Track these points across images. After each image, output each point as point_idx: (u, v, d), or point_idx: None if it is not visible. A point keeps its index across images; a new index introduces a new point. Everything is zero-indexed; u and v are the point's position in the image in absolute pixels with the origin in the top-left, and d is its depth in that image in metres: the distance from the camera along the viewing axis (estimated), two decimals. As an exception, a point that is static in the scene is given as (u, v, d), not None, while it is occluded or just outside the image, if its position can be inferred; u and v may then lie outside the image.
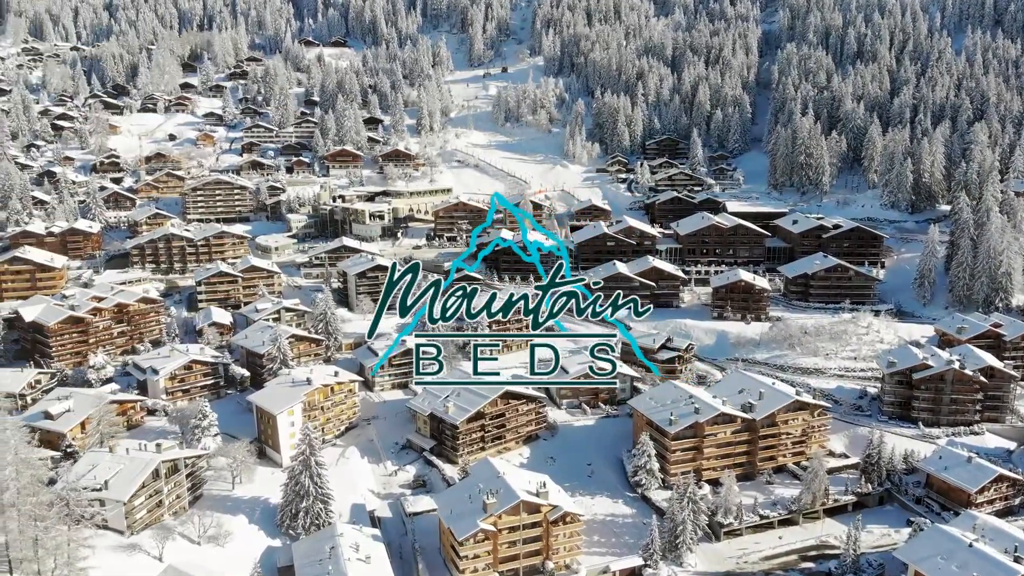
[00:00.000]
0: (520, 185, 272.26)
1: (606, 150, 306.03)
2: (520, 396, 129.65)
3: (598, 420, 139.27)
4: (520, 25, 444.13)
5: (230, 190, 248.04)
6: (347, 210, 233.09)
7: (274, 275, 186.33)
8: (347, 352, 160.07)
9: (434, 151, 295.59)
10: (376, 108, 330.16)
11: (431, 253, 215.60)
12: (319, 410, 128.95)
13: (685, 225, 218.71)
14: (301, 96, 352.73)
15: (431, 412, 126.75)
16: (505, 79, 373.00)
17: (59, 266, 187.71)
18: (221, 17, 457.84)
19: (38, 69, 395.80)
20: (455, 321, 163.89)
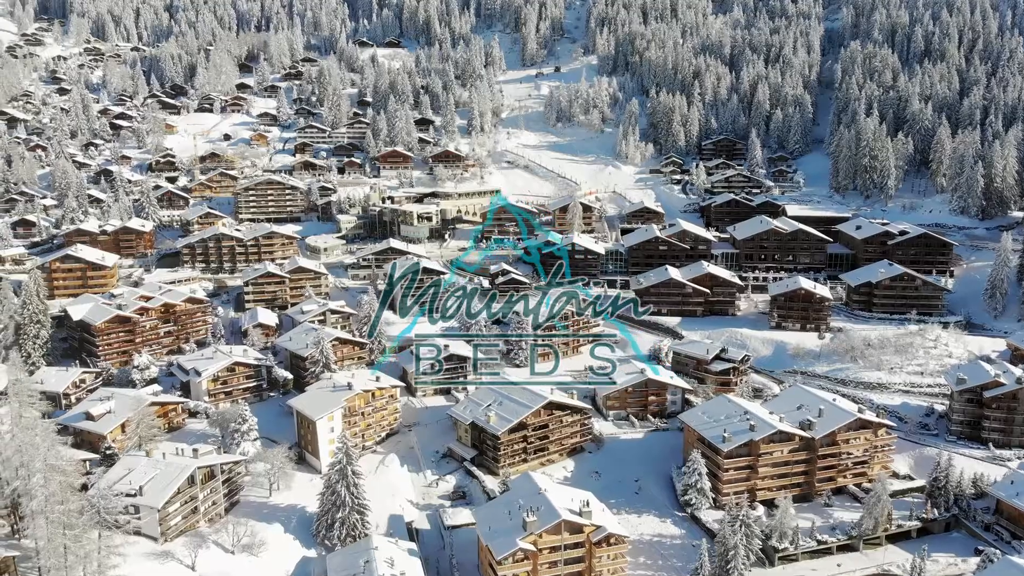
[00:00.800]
0: (570, 186, 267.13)
1: (660, 151, 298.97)
2: (565, 407, 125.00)
3: (647, 434, 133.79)
4: (574, 24, 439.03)
5: (282, 190, 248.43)
6: (396, 211, 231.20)
7: (321, 276, 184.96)
8: (391, 355, 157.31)
9: (484, 152, 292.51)
10: (428, 109, 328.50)
11: (477, 255, 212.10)
12: (359, 416, 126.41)
13: (742, 229, 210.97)
14: (354, 97, 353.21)
15: (472, 421, 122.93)
16: (558, 79, 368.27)
17: (110, 265, 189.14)
18: (278, 18, 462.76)
19: (99, 69, 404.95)
20: (497, 326, 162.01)
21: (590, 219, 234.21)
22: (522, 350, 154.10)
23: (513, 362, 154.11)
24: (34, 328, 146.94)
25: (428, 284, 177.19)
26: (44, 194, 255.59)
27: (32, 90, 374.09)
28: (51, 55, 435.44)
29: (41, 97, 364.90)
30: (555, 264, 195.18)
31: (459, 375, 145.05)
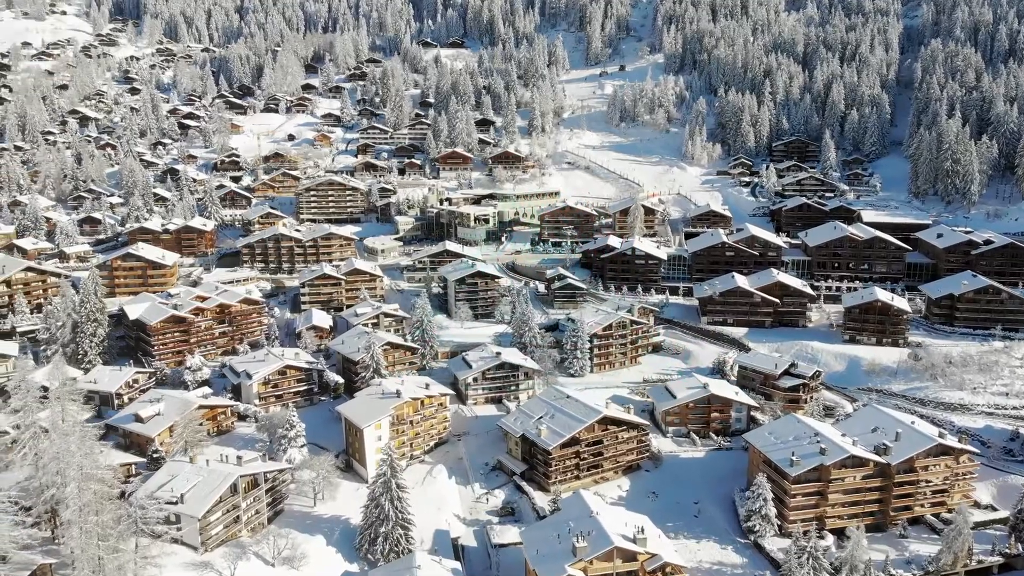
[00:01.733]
0: (632, 188, 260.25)
1: (728, 151, 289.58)
2: (621, 422, 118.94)
3: (708, 452, 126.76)
4: (640, 22, 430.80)
5: (342, 191, 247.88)
6: (453, 213, 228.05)
7: (376, 279, 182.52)
8: (442, 361, 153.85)
9: (544, 153, 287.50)
10: (489, 109, 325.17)
11: (534, 259, 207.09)
12: (408, 424, 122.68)
13: (815, 235, 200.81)
14: (416, 98, 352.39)
15: (523, 434, 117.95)
16: (622, 77, 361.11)
17: (170, 264, 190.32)
18: (344, 19, 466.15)
19: (170, 69, 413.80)
20: (553, 334, 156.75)
21: (652, 222, 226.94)
22: (577, 359, 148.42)
23: (568, 371, 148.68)
24: (91, 326, 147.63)
25: (482, 288, 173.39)
26: (112, 192, 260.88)
27: (105, 89, 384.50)
28: (124, 55, 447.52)
29: (113, 96, 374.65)
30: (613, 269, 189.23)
31: (511, 384, 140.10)
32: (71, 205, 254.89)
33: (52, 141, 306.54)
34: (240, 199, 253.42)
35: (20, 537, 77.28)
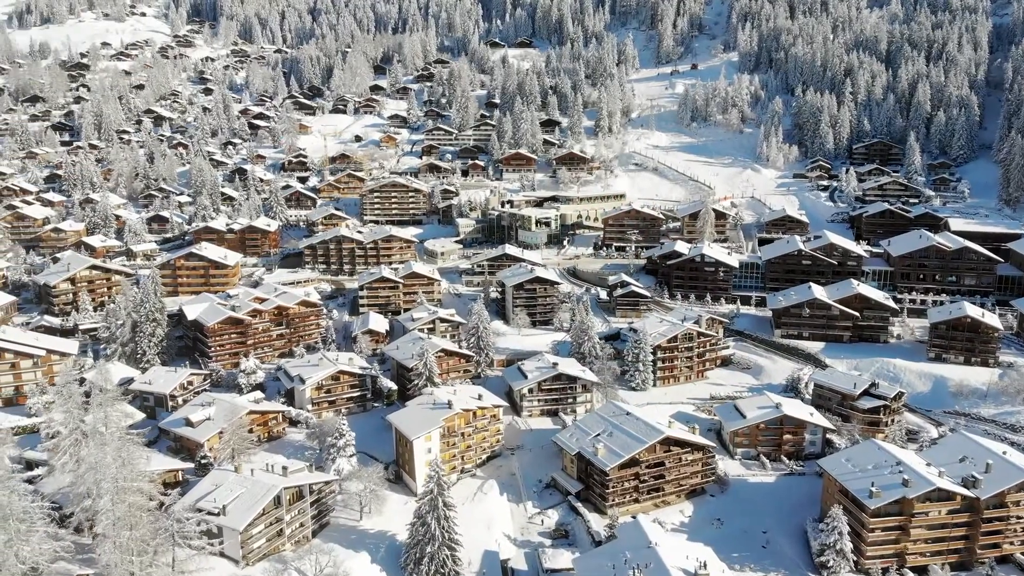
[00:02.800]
0: (702, 191, 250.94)
1: (806, 153, 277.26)
2: (685, 443, 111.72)
3: (779, 477, 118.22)
4: (714, 20, 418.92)
5: (405, 192, 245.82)
6: (514, 215, 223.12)
7: (434, 282, 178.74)
8: (498, 369, 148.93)
9: (611, 154, 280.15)
10: (555, 109, 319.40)
11: (596, 264, 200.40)
12: (459, 436, 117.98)
13: (898, 244, 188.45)
14: (482, 98, 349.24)
15: (579, 452, 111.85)
16: (694, 76, 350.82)
17: (232, 264, 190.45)
18: (414, 20, 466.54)
19: (243, 70, 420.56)
20: (613, 345, 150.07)
21: (724, 227, 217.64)
22: (639, 372, 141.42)
23: (628, 384, 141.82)
24: (150, 326, 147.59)
25: (541, 294, 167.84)
26: (181, 191, 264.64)
27: (180, 90, 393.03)
28: (200, 56, 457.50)
29: (188, 97, 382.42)
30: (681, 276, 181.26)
31: (568, 396, 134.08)
32: (141, 203, 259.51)
33: (126, 140, 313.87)
34: (305, 200, 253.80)
35: (52, 549, 75.38)
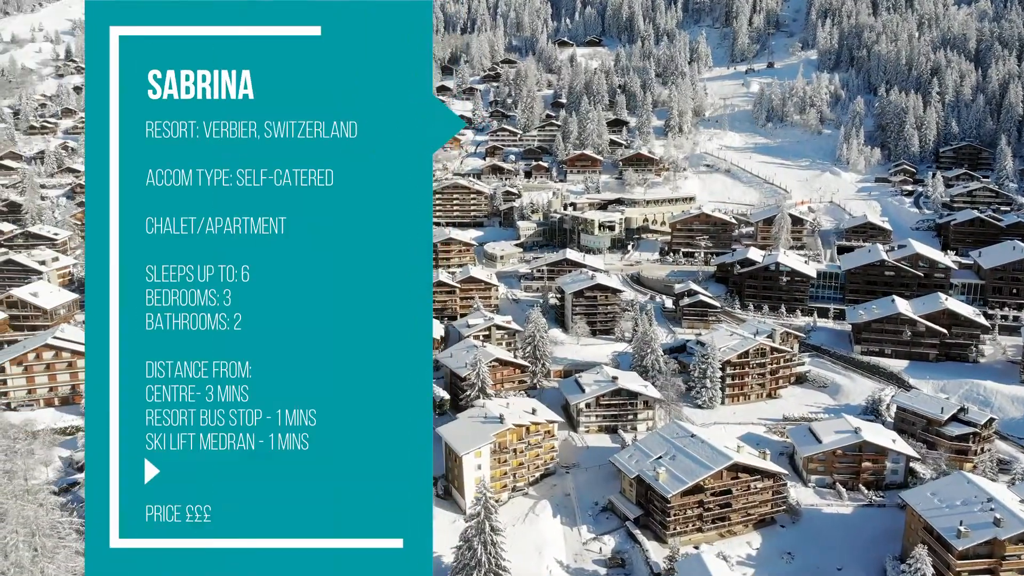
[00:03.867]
0: (778, 194, 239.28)
1: (889, 156, 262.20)
2: (755, 470, 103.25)
3: (856, 508, 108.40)
4: (791, 16, 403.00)
5: (467, 194, 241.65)
6: (576, 219, 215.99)
7: (491, 287, 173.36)
8: (554, 380, 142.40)
9: (681, 154, 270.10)
10: (623, 109, 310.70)
11: (662, 270, 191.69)
12: (511, 452, 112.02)
13: (990, 256, 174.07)
14: (549, 98, 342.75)
15: (638, 475, 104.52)
16: (770, 75, 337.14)
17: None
18: (482, 20, 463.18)
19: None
20: (677, 359, 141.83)
21: (800, 233, 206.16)
22: (706, 388, 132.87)
23: (694, 402, 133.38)
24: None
25: (602, 302, 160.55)
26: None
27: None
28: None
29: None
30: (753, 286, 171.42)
31: (628, 413, 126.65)
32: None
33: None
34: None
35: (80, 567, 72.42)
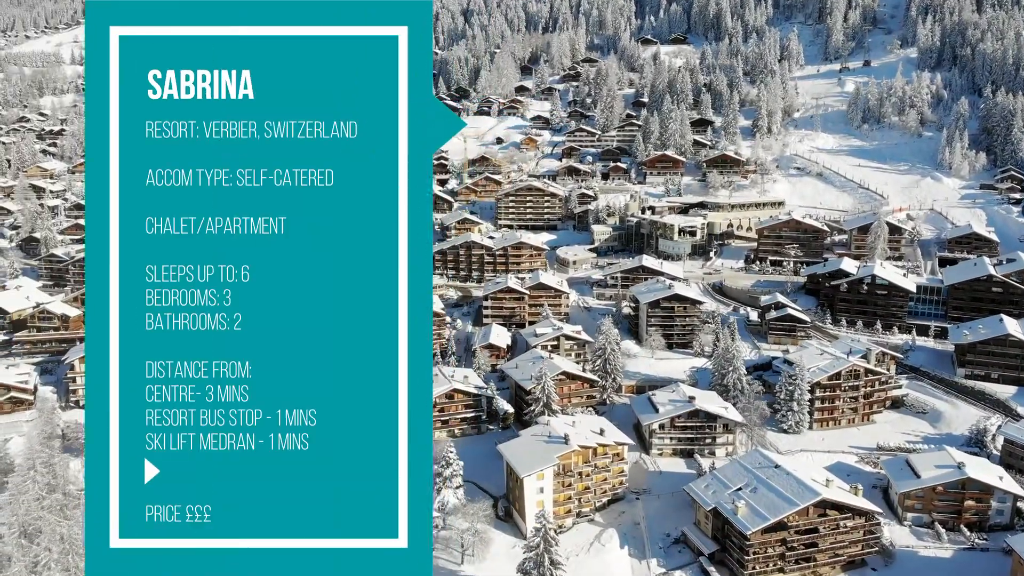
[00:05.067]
0: (874, 200, 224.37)
1: (995, 162, 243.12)
2: (845, 508, 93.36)
3: (957, 551, 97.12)
4: (889, 13, 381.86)
5: (540, 196, 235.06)
6: (655, 223, 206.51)
7: (561, 295, 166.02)
8: (626, 395, 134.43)
9: (769, 156, 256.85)
10: (708, 109, 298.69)
11: (746, 280, 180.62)
12: (576, 476, 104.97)
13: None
14: (630, 97, 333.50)
15: (715, 507, 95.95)
16: (866, 74, 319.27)
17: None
18: (564, 18, 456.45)
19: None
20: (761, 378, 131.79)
21: (898, 243, 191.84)
22: (792, 412, 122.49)
23: (779, 426, 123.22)
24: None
25: (680, 313, 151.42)
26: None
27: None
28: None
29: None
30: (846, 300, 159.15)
31: (706, 436, 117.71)
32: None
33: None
34: (442, 203, 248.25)
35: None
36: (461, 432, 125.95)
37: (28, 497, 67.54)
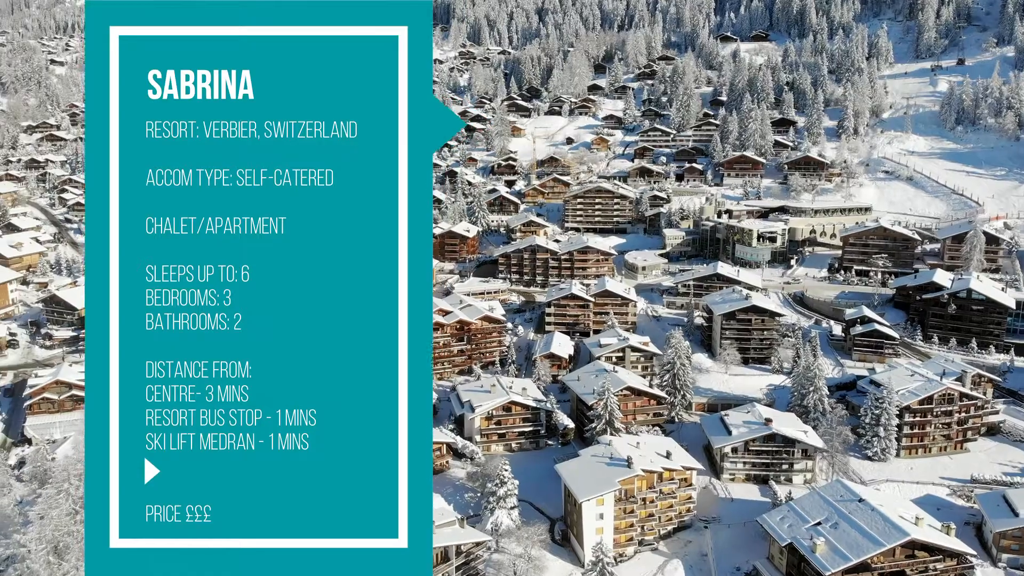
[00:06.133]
0: (969, 208, 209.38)
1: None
2: (934, 549, 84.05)
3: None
4: (984, 9, 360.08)
5: (610, 198, 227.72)
6: (731, 228, 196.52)
7: (628, 303, 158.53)
8: (696, 413, 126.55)
9: (855, 159, 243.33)
10: (790, 108, 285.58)
11: (830, 291, 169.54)
12: (639, 502, 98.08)
13: None
14: (707, 96, 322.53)
15: (791, 542, 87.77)
16: (961, 72, 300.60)
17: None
18: (640, 15, 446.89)
19: (467, 72, 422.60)
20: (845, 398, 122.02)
21: (995, 254, 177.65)
22: (879, 438, 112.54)
23: (863, 452, 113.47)
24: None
25: (757, 326, 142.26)
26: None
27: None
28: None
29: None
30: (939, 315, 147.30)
31: (783, 462, 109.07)
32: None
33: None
34: (508, 204, 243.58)
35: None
36: (518, 447, 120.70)
37: (60, 512, 64.90)
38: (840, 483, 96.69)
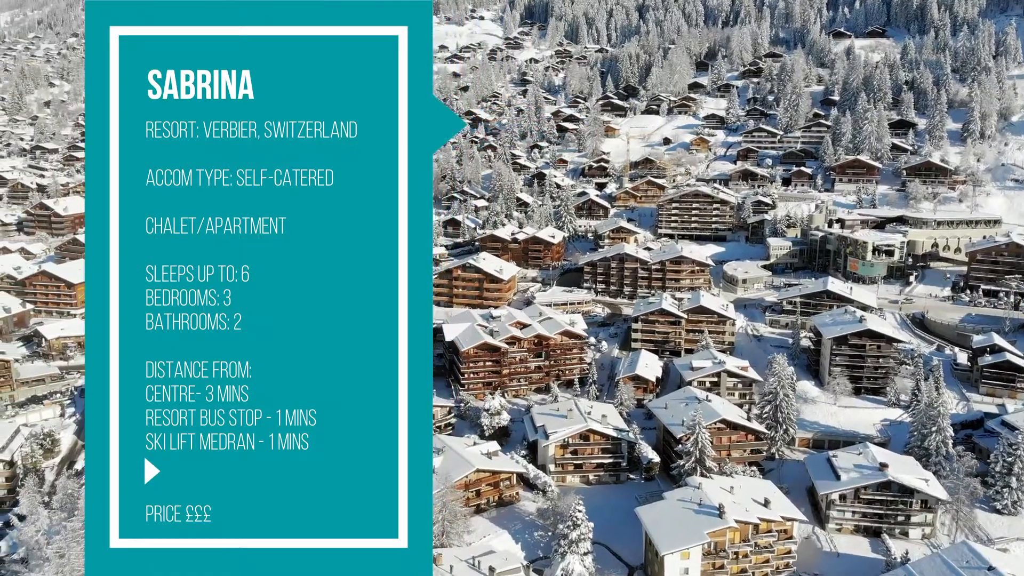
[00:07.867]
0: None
1: None
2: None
3: None
4: None
5: (708, 203, 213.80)
6: (844, 238, 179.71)
7: (726, 320, 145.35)
8: (799, 451, 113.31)
9: (982, 166, 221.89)
10: (909, 109, 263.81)
11: (954, 312, 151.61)
12: (731, 556, 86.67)
13: None
14: (818, 95, 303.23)
15: (910, 620, 74.72)
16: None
17: (506, 278, 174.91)
18: (746, 11, 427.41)
19: (563, 71, 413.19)
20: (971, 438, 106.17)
21: None
22: (1010, 489, 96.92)
23: (992, 505, 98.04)
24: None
25: (872, 352, 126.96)
26: (482, 195, 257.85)
27: (501, 92, 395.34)
28: (526, 58, 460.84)
29: (507, 99, 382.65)
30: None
31: (898, 513, 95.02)
32: (444, 205, 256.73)
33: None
34: (598, 208, 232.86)
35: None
36: (596, 479, 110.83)
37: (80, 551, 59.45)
38: (966, 546, 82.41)
